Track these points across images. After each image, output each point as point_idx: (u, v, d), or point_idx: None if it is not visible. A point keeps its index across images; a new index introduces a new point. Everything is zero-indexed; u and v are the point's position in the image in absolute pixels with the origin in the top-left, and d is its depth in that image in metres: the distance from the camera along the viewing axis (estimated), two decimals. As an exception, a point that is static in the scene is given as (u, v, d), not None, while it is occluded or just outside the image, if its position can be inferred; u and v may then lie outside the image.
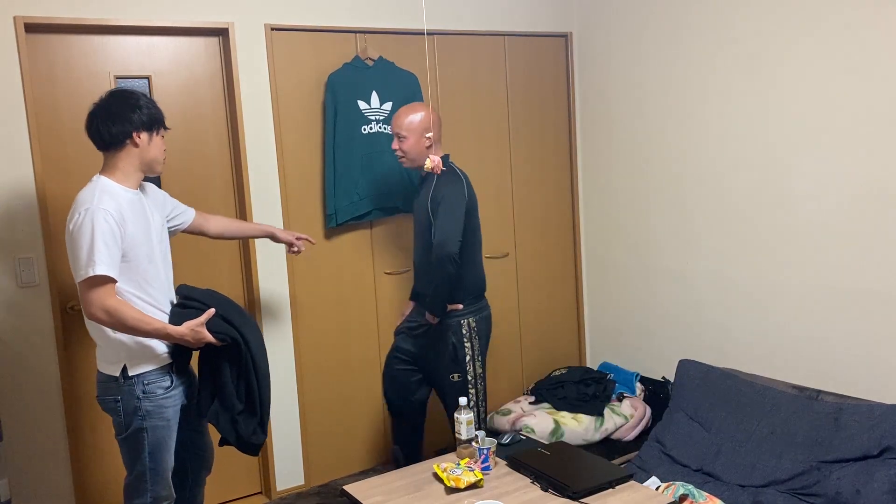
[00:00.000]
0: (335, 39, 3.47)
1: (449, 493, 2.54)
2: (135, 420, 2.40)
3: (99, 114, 2.38)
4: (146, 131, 2.40)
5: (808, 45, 3.09)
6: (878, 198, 2.93)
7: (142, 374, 2.40)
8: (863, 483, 2.69)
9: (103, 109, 2.38)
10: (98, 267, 2.24)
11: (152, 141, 2.42)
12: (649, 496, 2.53)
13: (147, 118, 2.39)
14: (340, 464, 3.60)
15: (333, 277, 3.55)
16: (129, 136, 2.37)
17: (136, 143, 2.38)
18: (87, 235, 2.26)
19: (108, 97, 2.41)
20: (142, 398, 2.40)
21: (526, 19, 3.99)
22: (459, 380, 3.12)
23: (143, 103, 2.40)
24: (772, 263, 3.33)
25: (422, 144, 3.06)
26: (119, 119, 2.35)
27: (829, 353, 3.14)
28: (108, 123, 2.35)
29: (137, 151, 2.39)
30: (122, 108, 2.36)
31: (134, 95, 2.42)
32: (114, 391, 2.41)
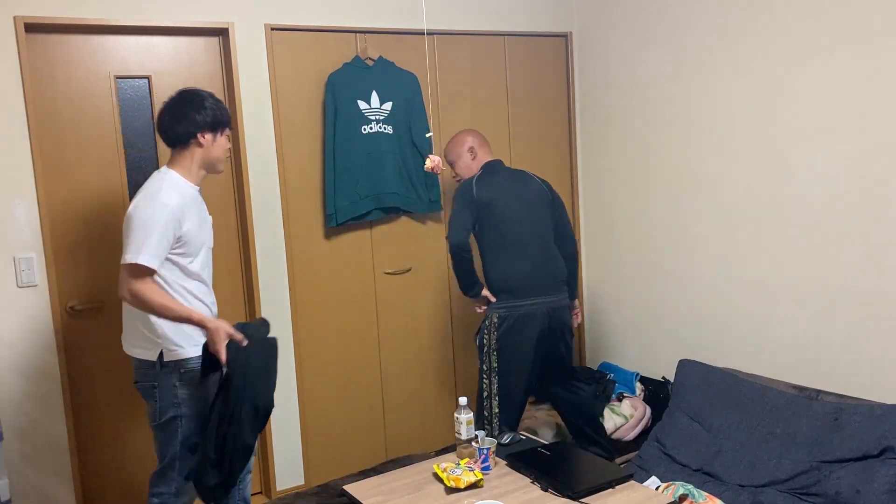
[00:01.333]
0: (335, 39, 3.47)
1: (449, 493, 2.54)
2: (171, 408, 2.47)
3: (166, 112, 2.49)
4: (210, 132, 2.49)
5: (807, 45, 3.09)
6: (879, 197, 2.93)
7: (179, 360, 2.45)
8: (863, 483, 2.69)
9: (170, 108, 2.49)
10: (142, 257, 2.31)
11: (216, 141, 2.52)
12: (649, 496, 2.53)
13: (211, 119, 2.49)
14: (340, 464, 3.60)
15: (333, 277, 3.55)
16: (193, 136, 2.47)
17: (199, 143, 2.48)
18: (143, 224, 2.33)
19: (177, 96, 2.52)
20: (178, 385, 2.47)
21: (526, 19, 4.00)
22: (479, 366, 3.23)
23: (208, 105, 2.49)
24: (772, 263, 3.33)
25: (469, 160, 3.35)
26: (184, 119, 2.46)
27: (829, 353, 3.14)
28: (174, 123, 2.47)
29: (201, 151, 2.49)
30: (188, 109, 2.47)
31: (200, 97, 2.51)
32: (151, 377, 2.47)
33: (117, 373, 3.12)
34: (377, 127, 3.52)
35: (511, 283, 3.20)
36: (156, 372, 2.47)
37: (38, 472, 2.94)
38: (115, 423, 3.18)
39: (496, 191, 3.23)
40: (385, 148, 3.54)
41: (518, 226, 3.22)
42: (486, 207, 3.19)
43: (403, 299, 3.74)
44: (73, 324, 3.05)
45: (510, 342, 3.17)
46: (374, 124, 3.52)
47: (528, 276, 3.20)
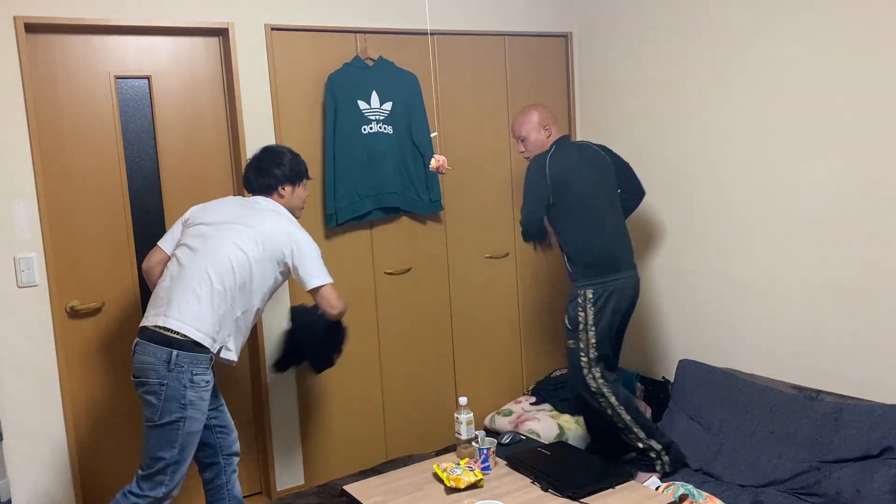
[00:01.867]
0: (335, 39, 3.47)
1: (449, 493, 2.55)
2: (175, 408, 2.46)
3: (251, 168, 2.82)
4: (290, 184, 2.80)
5: (808, 45, 3.09)
6: (879, 197, 2.93)
7: (192, 361, 2.47)
8: (863, 483, 2.69)
9: (254, 163, 2.82)
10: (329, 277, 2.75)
11: (295, 192, 2.82)
12: (649, 496, 2.53)
13: (290, 173, 2.79)
14: (340, 464, 3.60)
15: (333, 277, 3.53)
16: (274, 189, 2.78)
17: (280, 195, 2.78)
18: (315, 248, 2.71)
19: (259, 153, 2.84)
20: (188, 387, 2.47)
21: (526, 19, 3.99)
22: (573, 346, 3.17)
23: (286, 161, 2.79)
24: (772, 263, 3.33)
25: (542, 138, 3.27)
26: (265, 174, 2.78)
27: (829, 353, 3.14)
28: (258, 176, 2.79)
29: (283, 201, 2.79)
30: (269, 164, 2.78)
31: (279, 153, 2.82)
32: (160, 375, 2.46)
33: (117, 373, 3.13)
34: (377, 127, 3.52)
35: (598, 259, 3.18)
36: (168, 370, 2.45)
37: (38, 471, 2.94)
38: (114, 422, 3.17)
39: (570, 168, 3.18)
40: (385, 148, 3.54)
41: (595, 201, 3.22)
42: (562, 186, 3.14)
43: (403, 299, 3.74)
44: (73, 324, 3.05)
45: (606, 316, 3.16)
46: (374, 124, 3.52)
47: (611, 250, 3.22)
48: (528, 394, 4.06)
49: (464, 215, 3.88)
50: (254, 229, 2.62)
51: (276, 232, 2.64)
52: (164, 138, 3.20)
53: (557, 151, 3.21)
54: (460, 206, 3.86)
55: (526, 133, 3.29)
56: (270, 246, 2.62)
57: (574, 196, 3.17)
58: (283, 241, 2.64)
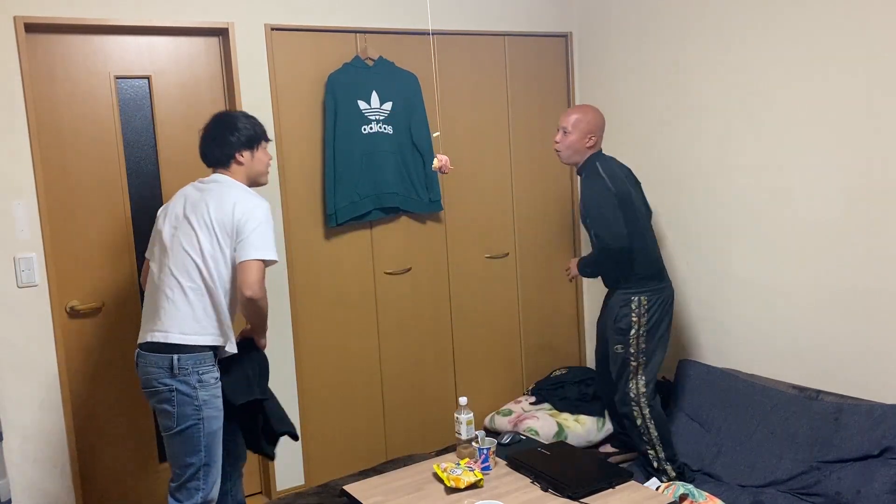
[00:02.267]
0: (335, 39, 3.47)
1: (449, 493, 2.55)
2: (190, 412, 2.44)
3: (204, 138, 2.65)
4: (248, 150, 2.63)
5: (808, 46, 3.09)
6: (879, 197, 2.93)
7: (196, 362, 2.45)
8: (863, 483, 2.69)
9: (207, 135, 2.65)
10: (272, 253, 2.49)
11: (255, 157, 2.65)
12: (649, 496, 2.53)
13: (246, 138, 2.62)
14: (340, 464, 3.60)
15: (333, 277, 3.55)
16: (232, 158, 2.61)
17: (239, 162, 2.62)
18: (268, 224, 2.51)
19: (210, 123, 2.67)
20: (197, 388, 2.44)
21: (526, 19, 3.99)
22: (621, 351, 3.20)
23: (240, 125, 2.62)
24: (771, 263, 3.33)
25: (583, 143, 3.22)
26: (220, 143, 2.61)
27: (829, 353, 3.14)
28: (213, 147, 2.63)
29: (243, 168, 2.63)
30: (222, 132, 2.61)
31: (231, 119, 2.65)
32: (167, 381, 2.43)
33: (117, 372, 3.12)
34: (377, 127, 3.52)
35: (653, 269, 3.24)
36: (173, 376, 2.43)
37: (38, 471, 2.94)
38: (114, 422, 3.17)
39: (623, 181, 3.21)
40: (385, 148, 3.54)
41: (642, 211, 3.29)
42: (625, 199, 3.15)
43: (403, 299, 3.74)
44: (73, 324, 3.05)
45: (657, 322, 3.20)
46: (374, 124, 3.52)
47: (659, 259, 3.30)
48: (528, 393, 4.06)
49: (464, 215, 3.88)
50: (205, 218, 2.50)
51: (225, 210, 2.50)
52: (164, 138, 3.20)
53: (605, 166, 3.20)
54: (460, 206, 3.86)
55: (572, 128, 3.21)
56: (221, 229, 2.49)
57: (633, 209, 3.19)
58: (231, 215, 2.49)
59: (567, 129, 3.22)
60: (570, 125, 3.21)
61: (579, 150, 3.22)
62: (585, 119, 3.22)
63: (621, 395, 3.22)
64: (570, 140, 3.21)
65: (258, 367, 2.69)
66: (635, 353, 3.17)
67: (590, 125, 3.22)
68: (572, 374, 4.04)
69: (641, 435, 3.18)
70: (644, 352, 3.18)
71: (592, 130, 3.22)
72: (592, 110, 3.28)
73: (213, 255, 2.48)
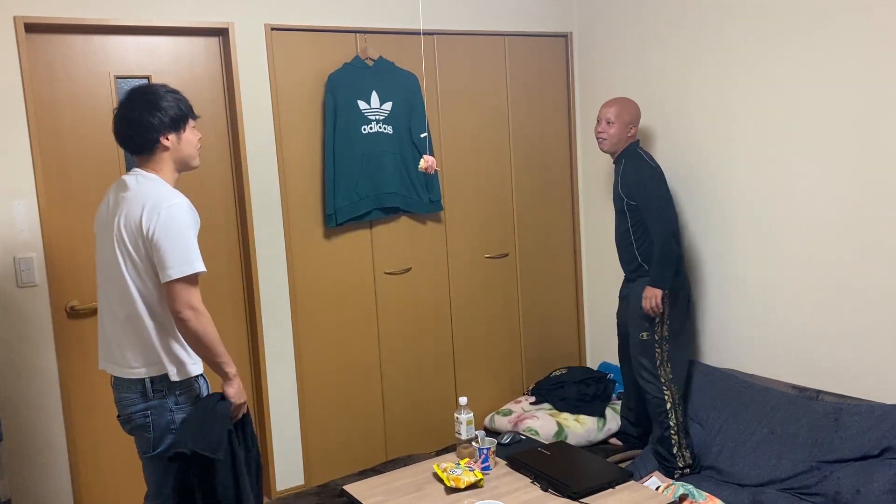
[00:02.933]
0: (335, 39, 3.47)
1: (449, 493, 2.55)
2: (167, 435, 2.22)
3: (121, 122, 2.24)
4: (174, 132, 2.25)
5: (807, 46, 3.09)
6: (879, 197, 2.92)
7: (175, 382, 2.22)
8: (863, 483, 2.69)
9: (124, 117, 2.23)
10: (196, 264, 2.14)
11: (182, 138, 2.27)
12: (649, 496, 2.53)
13: (169, 119, 2.23)
14: (340, 464, 3.60)
15: (333, 277, 3.55)
16: (156, 142, 2.23)
17: (165, 147, 2.24)
18: (180, 230, 2.14)
19: (126, 101, 2.25)
20: (174, 410, 2.23)
21: (526, 19, 3.99)
22: (647, 339, 3.32)
23: (163, 104, 2.22)
24: (771, 263, 3.32)
25: (625, 133, 3.39)
26: (140, 127, 2.20)
27: (828, 353, 3.14)
28: (133, 133, 2.22)
29: (169, 154, 2.26)
30: (142, 114, 2.20)
31: (151, 97, 2.23)
32: (141, 406, 2.23)
33: (117, 373, 3.12)
34: (377, 127, 3.52)
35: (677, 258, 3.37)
36: (147, 399, 2.22)
37: (37, 471, 2.94)
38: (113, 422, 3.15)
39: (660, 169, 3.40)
40: (385, 148, 3.54)
41: None
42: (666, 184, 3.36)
43: (403, 299, 3.74)
44: (73, 324, 3.05)
45: (678, 309, 3.35)
46: (374, 124, 3.52)
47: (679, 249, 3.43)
48: (528, 393, 4.06)
49: (464, 215, 3.88)
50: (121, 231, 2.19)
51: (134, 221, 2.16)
52: (164, 138, 3.20)
53: (646, 153, 3.43)
54: (460, 206, 3.86)
55: (616, 118, 3.37)
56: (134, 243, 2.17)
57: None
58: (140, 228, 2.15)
59: (611, 120, 3.38)
60: (614, 116, 3.38)
61: (622, 139, 3.39)
62: (627, 110, 3.40)
63: (651, 380, 3.31)
64: (614, 129, 3.38)
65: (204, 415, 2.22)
66: (660, 339, 3.30)
67: (631, 116, 3.41)
68: (572, 374, 4.04)
69: (668, 418, 3.25)
70: (667, 339, 3.31)
71: (633, 121, 3.42)
72: (632, 102, 3.46)
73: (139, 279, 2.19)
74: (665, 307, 3.29)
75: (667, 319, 3.30)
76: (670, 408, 3.26)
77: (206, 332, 2.17)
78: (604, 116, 3.41)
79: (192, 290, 2.15)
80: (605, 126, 3.40)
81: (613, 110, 3.39)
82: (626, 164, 3.38)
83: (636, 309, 3.35)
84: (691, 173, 3.63)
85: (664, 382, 3.28)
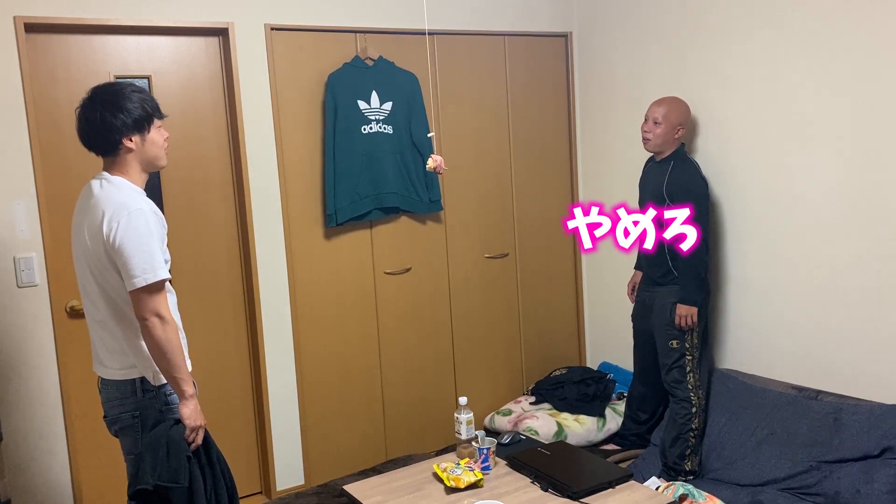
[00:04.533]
0: (335, 39, 3.47)
1: (449, 493, 2.55)
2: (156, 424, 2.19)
3: (83, 123, 2.18)
4: (137, 133, 2.18)
5: (807, 46, 3.09)
6: (879, 198, 2.92)
7: (165, 384, 2.20)
8: (863, 483, 2.69)
9: (86, 119, 2.16)
10: (159, 271, 2.09)
11: (146, 139, 2.20)
12: (649, 496, 2.53)
13: (132, 121, 2.15)
14: (340, 464, 3.60)
15: (333, 277, 3.55)
16: (119, 144, 2.16)
17: (129, 148, 2.18)
18: (141, 238, 2.09)
19: (88, 101, 2.18)
20: (164, 410, 2.20)
21: (526, 19, 3.99)
22: (678, 346, 3.28)
23: (127, 105, 2.15)
24: (771, 263, 3.32)
25: (672, 134, 3.32)
26: (102, 128, 2.14)
27: (829, 353, 3.14)
28: (94, 134, 2.17)
29: (134, 154, 2.20)
30: (104, 115, 2.13)
31: (114, 96, 2.16)
32: (130, 406, 2.20)
33: (117, 373, 3.12)
34: (377, 127, 3.52)
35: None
36: (136, 400, 2.19)
37: (37, 471, 2.94)
38: (115, 423, 3.17)
39: None
40: (385, 148, 3.54)
41: None
42: None
43: (403, 299, 3.74)
44: (73, 324, 3.05)
45: (705, 319, 3.35)
46: (374, 124, 3.52)
47: None
48: (528, 393, 4.06)
49: (464, 215, 3.88)
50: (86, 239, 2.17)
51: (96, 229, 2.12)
52: (164, 138, 3.20)
53: (696, 164, 3.37)
54: (460, 206, 3.86)
55: (663, 119, 3.31)
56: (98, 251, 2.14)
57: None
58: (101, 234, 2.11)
59: (658, 121, 3.32)
60: (662, 117, 3.31)
61: (668, 140, 3.33)
62: (676, 111, 3.33)
63: (680, 386, 3.28)
64: (661, 130, 3.31)
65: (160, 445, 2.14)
66: (690, 347, 3.27)
67: (679, 117, 3.33)
68: (572, 373, 4.04)
69: (691, 421, 3.23)
70: (697, 346, 3.29)
71: (683, 122, 3.35)
72: (681, 102, 3.38)
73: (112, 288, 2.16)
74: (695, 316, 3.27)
75: (696, 328, 3.27)
76: (695, 412, 3.24)
77: (168, 341, 2.11)
78: (651, 116, 3.34)
79: (157, 297, 2.11)
80: (651, 126, 3.33)
81: (662, 111, 3.31)
82: (675, 165, 3.31)
83: (665, 316, 3.30)
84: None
85: (691, 389, 3.26)
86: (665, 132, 3.31)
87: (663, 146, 3.34)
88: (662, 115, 3.31)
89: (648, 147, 3.38)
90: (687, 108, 3.38)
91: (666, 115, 3.30)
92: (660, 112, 3.32)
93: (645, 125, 3.37)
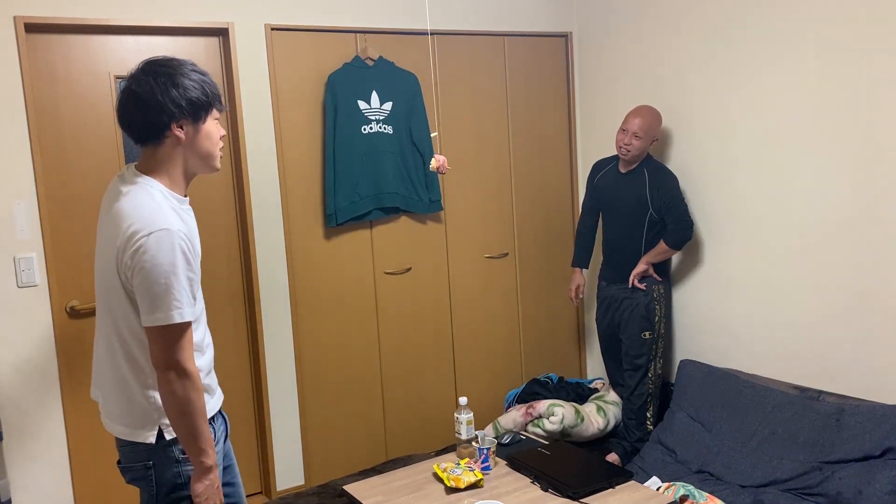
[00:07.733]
0: (335, 39, 3.47)
1: (449, 493, 2.55)
2: (174, 489, 1.87)
3: (126, 98, 1.78)
4: (190, 120, 1.79)
5: (809, 46, 3.09)
6: (879, 197, 2.92)
7: None
8: (865, 483, 2.68)
9: (131, 92, 1.77)
10: (175, 313, 1.70)
11: (201, 130, 1.82)
12: (649, 496, 2.53)
13: (187, 102, 1.76)
14: (340, 464, 3.60)
15: (333, 277, 3.55)
16: (166, 129, 1.78)
17: (177, 138, 1.80)
18: (160, 269, 1.69)
19: (137, 73, 1.78)
20: (181, 461, 1.86)
21: (526, 19, 3.99)
22: (649, 337, 3.51)
23: (183, 81, 1.77)
24: (772, 263, 3.32)
25: (646, 148, 3.48)
26: (150, 105, 1.74)
27: (830, 353, 3.13)
28: (137, 113, 1.77)
29: (181, 148, 1.82)
30: (153, 88, 1.74)
31: (171, 68, 1.78)
32: (143, 457, 1.86)
33: (117, 373, 3.12)
34: (377, 127, 3.52)
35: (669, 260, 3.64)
36: (150, 450, 1.85)
37: (38, 471, 2.94)
38: (115, 423, 3.17)
39: None
40: (385, 148, 3.54)
41: None
42: None
43: (403, 299, 3.74)
44: (73, 324, 3.05)
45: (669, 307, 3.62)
46: (374, 124, 3.52)
47: None
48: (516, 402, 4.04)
49: (464, 215, 3.88)
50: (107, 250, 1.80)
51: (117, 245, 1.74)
52: (164, 138, 3.20)
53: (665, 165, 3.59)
54: (460, 206, 3.86)
55: (643, 133, 3.41)
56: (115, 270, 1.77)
57: None
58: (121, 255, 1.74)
59: (638, 135, 3.41)
60: (642, 131, 3.41)
61: (644, 150, 3.47)
62: (655, 125, 3.47)
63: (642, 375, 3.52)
64: (639, 143, 3.42)
65: None
66: (655, 336, 3.51)
67: (656, 131, 3.49)
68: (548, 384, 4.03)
69: (645, 410, 3.53)
70: (663, 336, 3.55)
71: (656, 134, 3.50)
72: (657, 115, 3.49)
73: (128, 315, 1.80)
74: (663, 306, 3.54)
75: (663, 317, 3.51)
76: (650, 400, 3.53)
77: (188, 402, 1.73)
78: (631, 129, 3.41)
79: (179, 343, 1.72)
80: (631, 139, 3.42)
81: (641, 125, 3.40)
82: (652, 172, 3.47)
83: (637, 309, 3.51)
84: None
85: (651, 378, 3.51)
86: (642, 145, 3.43)
87: (639, 156, 3.48)
88: (643, 130, 3.40)
89: (626, 158, 3.49)
90: (661, 118, 3.51)
91: (647, 131, 3.41)
92: (640, 127, 3.40)
93: (623, 137, 3.45)
